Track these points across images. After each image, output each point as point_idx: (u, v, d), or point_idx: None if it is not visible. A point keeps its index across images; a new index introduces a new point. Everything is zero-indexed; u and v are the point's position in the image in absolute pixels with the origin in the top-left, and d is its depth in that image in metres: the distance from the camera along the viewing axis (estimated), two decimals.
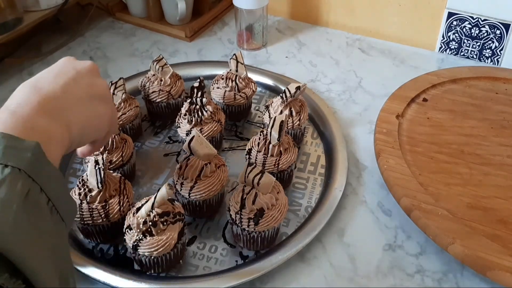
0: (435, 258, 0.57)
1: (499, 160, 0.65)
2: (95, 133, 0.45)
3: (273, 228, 0.55)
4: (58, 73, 0.42)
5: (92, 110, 0.43)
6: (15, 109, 0.37)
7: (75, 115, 0.41)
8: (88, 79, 0.44)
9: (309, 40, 0.97)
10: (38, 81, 0.40)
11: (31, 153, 0.33)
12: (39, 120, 0.37)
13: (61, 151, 0.39)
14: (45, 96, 0.39)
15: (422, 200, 0.58)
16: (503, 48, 0.86)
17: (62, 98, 0.40)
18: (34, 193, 0.33)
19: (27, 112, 0.37)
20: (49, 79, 0.41)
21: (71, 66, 0.44)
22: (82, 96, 0.42)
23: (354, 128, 0.75)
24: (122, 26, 1.03)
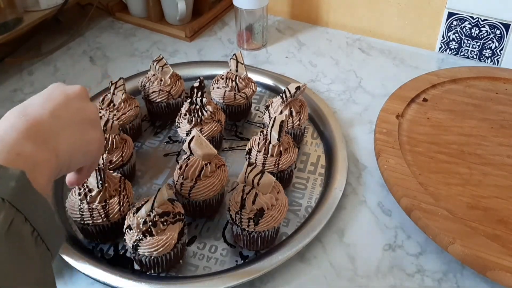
0: (435, 258, 0.57)
1: (499, 160, 0.65)
2: (84, 158, 0.44)
3: (273, 228, 0.55)
4: (48, 98, 0.41)
5: (81, 134, 0.43)
6: (1, 135, 0.36)
7: (64, 140, 0.40)
8: (78, 103, 0.44)
9: (309, 40, 0.97)
10: (26, 107, 0.40)
11: (15, 181, 0.32)
12: (26, 146, 0.36)
13: (48, 177, 0.37)
14: (32, 122, 0.38)
15: (422, 200, 0.58)
16: (503, 48, 0.86)
17: (50, 123, 0.39)
18: (17, 224, 0.31)
19: (13, 138, 0.36)
20: (37, 105, 0.40)
21: (60, 90, 0.43)
22: (71, 121, 0.42)
23: (354, 128, 0.75)
24: (122, 26, 1.03)
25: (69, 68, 0.90)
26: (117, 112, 0.69)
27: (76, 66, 0.90)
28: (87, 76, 0.88)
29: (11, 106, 0.41)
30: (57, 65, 0.90)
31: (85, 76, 0.88)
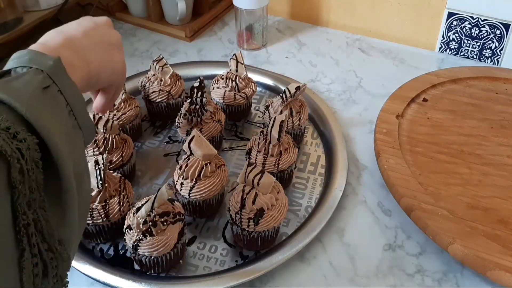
0: (435, 258, 0.57)
1: (499, 160, 0.65)
2: (110, 76, 0.49)
3: (273, 228, 0.55)
4: (79, 23, 0.48)
5: (108, 54, 0.48)
6: (43, 42, 0.43)
7: (94, 55, 0.45)
8: (105, 29, 0.50)
9: (309, 40, 0.97)
10: (61, 28, 0.46)
11: (53, 61, 0.37)
12: (63, 52, 0.42)
13: (81, 80, 0.43)
14: (68, 37, 0.44)
15: (422, 200, 0.58)
16: (503, 48, 0.86)
17: (83, 40, 0.45)
18: (53, 91, 0.36)
19: (52, 45, 0.42)
20: (71, 27, 0.46)
21: (90, 20, 0.49)
22: (99, 41, 0.47)
23: (354, 128, 0.75)
24: (122, 26, 1.03)
25: None
26: (117, 112, 0.69)
27: None
28: None
29: None
30: None
31: None
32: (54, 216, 0.32)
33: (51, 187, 0.32)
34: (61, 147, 0.33)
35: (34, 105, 0.33)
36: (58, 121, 0.35)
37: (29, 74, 0.35)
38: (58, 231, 0.32)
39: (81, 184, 0.36)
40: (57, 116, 0.35)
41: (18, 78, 0.35)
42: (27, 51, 0.38)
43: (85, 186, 0.38)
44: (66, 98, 0.37)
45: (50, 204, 0.32)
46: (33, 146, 0.31)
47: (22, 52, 0.38)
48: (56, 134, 0.33)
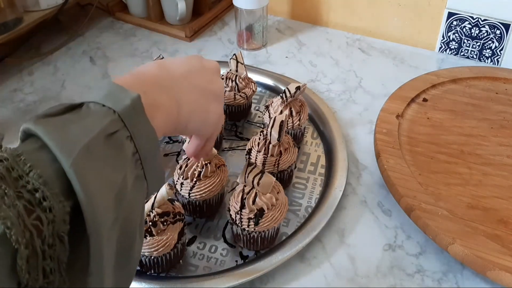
0: (435, 258, 0.57)
1: (499, 160, 0.65)
2: (202, 125, 0.45)
3: (273, 228, 0.55)
4: (185, 62, 0.44)
5: (204, 103, 0.44)
6: (136, 73, 0.39)
7: (188, 100, 0.41)
8: (211, 76, 0.46)
9: (309, 40, 0.97)
10: (165, 61, 0.43)
11: (130, 101, 0.32)
12: (152, 89, 0.37)
13: (166, 122, 0.38)
14: (167, 75, 0.40)
15: (422, 200, 0.58)
16: (503, 48, 0.86)
17: (181, 80, 0.42)
18: (121, 136, 0.31)
19: (144, 78, 0.38)
20: (175, 64, 0.43)
21: (199, 60, 0.46)
22: (198, 87, 0.43)
23: (354, 128, 0.75)
24: (122, 26, 1.03)
25: (69, 68, 0.90)
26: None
27: (76, 66, 0.90)
28: (87, 76, 0.88)
29: (11, 106, 0.41)
30: (57, 65, 0.91)
31: (85, 76, 0.88)
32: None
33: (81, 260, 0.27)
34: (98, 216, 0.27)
35: (84, 160, 0.28)
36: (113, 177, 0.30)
37: (97, 115, 0.31)
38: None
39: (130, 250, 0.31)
40: (114, 170, 0.30)
41: (81, 120, 0.30)
42: (108, 83, 0.34)
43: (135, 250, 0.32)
44: (136, 144, 0.32)
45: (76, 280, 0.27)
46: (61, 216, 0.26)
47: (104, 84, 0.34)
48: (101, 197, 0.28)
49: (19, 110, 0.79)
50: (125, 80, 0.36)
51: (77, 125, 0.30)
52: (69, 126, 0.29)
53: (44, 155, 0.27)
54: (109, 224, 0.28)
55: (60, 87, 0.85)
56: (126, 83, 0.34)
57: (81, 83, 0.86)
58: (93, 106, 0.32)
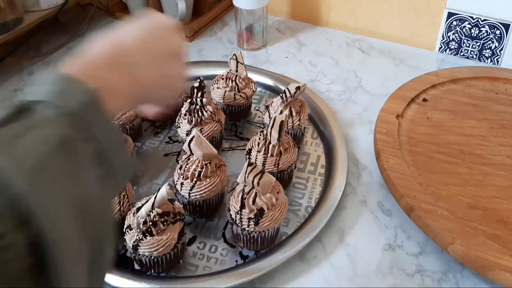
0: (435, 258, 0.57)
1: (499, 160, 0.65)
2: (164, 91, 0.44)
3: (273, 228, 0.55)
4: (139, 29, 0.41)
5: (163, 68, 0.42)
6: (89, 58, 0.36)
7: (148, 71, 0.40)
8: (165, 36, 0.43)
9: (309, 40, 0.97)
10: (117, 34, 0.40)
11: (89, 97, 0.31)
12: (109, 74, 0.36)
13: (125, 102, 0.38)
14: (121, 50, 0.38)
15: (422, 200, 0.58)
16: (503, 48, 0.86)
17: (138, 54, 0.39)
18: (77, 140, 0.29)
19: (98, 61, 0.36)
20: (128, 34, 0.40)
21: (151, 22, 0.43)
22: (155, 53, 0.41)
23: (354, 128, 0.75)
24: None
25: None
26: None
27: None
28: None
29: None
30: (57, 65, 0.90)
31: None
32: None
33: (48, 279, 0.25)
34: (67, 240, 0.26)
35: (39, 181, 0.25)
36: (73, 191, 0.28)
37: (48, 122, 0.28)
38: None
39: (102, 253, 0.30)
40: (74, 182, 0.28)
41: (31, 130, 0.27)
42: (62, 78, 0.31)
43: (107, 250, 0.30)
44: (96, 143, 0.30)
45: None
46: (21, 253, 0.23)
47: (55, 77, 0.31)
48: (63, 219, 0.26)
49: None
50: (76, 67, 0.34)
51: (28, 139, 0.27)
52: (19, 141, 0.26)
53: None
54: (76, 243, 0.27)
55: None
56: (77, 71, 0.33)
57: None
58: (43, 109, 0.29)
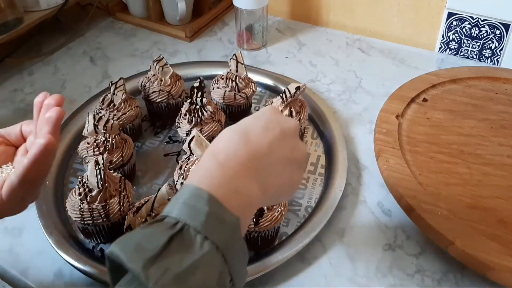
0: (435, 258, 0.57)
1: (499, 160, 0.65)
2: (283, 198, 0.43)
3: (273, 228, 0.55)
4: (266, 127, 0.39)
5: (289, 174, 0.40)
6: (223, 161, 0.35)
7: (274, 177, 0.38)
8: (292, 142, 0.41)
9: (309, 40, 0.97)
10: (247, 130, 0.38)
11: (230, 230, 0.32)
12: (243, 181, 0.35)
13: (252, 213, 0.37)
14: (252, 152, 0.37)
15: (422, 200, 0.58)
16: (503, 48, 0.86)
17: (266, 157, 0.38)
18: (223, 276, 0.31)
19: (233, 168, 0.35)
20: (257, 131, 0.38)
21: (276, 121, 0.40)
22: (283, 158, 0.39)
23: (354, 128, 0.75)
24: (122, 26, 1.03)
25: (70, 68, 0.90)
26: (117, 112, 0.69)
27: (76, 66, 0.90)
28: (87, 76, 0.88)
29: (11, 106, 0.41)
30: (57, 65, 0.91)
31: (85, 76, 0.88)
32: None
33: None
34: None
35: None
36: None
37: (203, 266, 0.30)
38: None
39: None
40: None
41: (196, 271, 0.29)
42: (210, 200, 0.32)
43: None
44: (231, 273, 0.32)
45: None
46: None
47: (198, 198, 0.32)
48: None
49: (19, 110, 0.79)
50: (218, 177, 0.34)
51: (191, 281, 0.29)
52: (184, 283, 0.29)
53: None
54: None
55: (60, 87, 0.85)
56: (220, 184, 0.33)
57: (81, 83, 0.86)
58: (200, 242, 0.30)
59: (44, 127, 0.42)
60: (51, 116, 0.43)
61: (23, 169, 0.41)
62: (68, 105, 0.80)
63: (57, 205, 0.62)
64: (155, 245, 0.30)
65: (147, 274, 0.28)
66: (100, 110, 0.69)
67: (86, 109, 0.76)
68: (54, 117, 0.43)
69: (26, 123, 0.49)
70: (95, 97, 0.78)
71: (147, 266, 0.29)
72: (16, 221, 0.61)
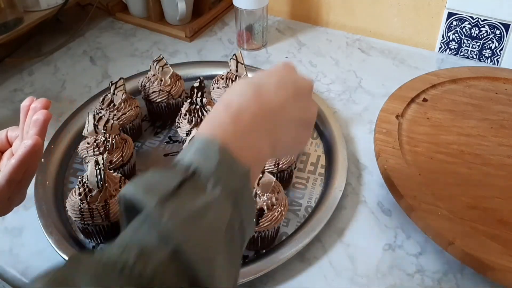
0: (435, 258, 0.57)
1: (499, 160, 0.65)
2: (290, 153, 0.44)
3: (273, 228, 0.55)
4: (279, 84, 0.39)
5: (298, 133, 0.41)
6: (235, 114, 0.35)
7: (283, 135, 0.39)
8: (304, 102, 0.41)
9: (309, 40, 0.97)
10: (260, 85, 0.38)
11: (241, 179, 0.33)
12: (254, 136, 0.36)
13: (260, 166, 0.38)
14: (265, 108, 0.37)
15: (422, 200, 0.58)
16: (503, 48, 0.86)
17: (277, 115, 0.38)
18: (233, 221, 0.32)
19: (246, 122, 0.35)
20: (270, 88, 0.38)
21: (292, 79, 0.41)
22: (294, 118, 0.40)
23: (354, 128, 0.75)
24: (122, 26, 1.03)
25: (69, 68, 0.90)
26: (117, 112, 0.69)
27: (76, 66, 0.90)
28: (87, 76, 0.88)
29: (11, 106, 0.41)
30: (57, 65, 0.91)
31: (85, 76, 0.88)
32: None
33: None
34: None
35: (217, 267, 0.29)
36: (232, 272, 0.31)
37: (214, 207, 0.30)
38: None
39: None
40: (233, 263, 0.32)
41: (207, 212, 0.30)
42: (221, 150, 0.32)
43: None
44: (241, 218, 0.33)
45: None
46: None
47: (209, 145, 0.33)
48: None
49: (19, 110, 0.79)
50: (231, 130, 0.34)
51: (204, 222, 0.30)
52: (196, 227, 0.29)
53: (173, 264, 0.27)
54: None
55: (60, 87, 0.85)
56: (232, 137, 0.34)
57: (81, 83, 0.86)
58: (211, 186, 0.31)
59: (31, 129, 0.44)
60: (39, 119, 0.44)
61: (10, 169, 0.42)
62: (68, 105, 0.80)
63: (57, 205, 0.62)
64: (168, 186, 0.30)
65: (161, 210, 0.29)
66: (100, 110, 0.69)
67: (86, 109, 0.76)
68: (41, 119, 0.44)
69: (11, 129, 0.51)
70: (95, 97, 0.78)
71: (161, 203, 0.29)
72: (16, 221, 0.61)
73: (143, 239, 0.28)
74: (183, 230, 0.29)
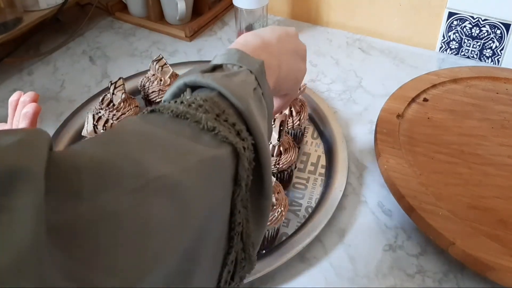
0: (436, 259, 0.56)
1: (499, 160, 0.65)
2: (293, 84, 0.50)
3: (273, 229, 0.55)
4: (273, 29, 0.48)
5: (295, 63, 0.49)
6: (244, 43, 0.43)
7: (285, 60, 0.46)
8: (295, 39, 0.50)
9: (309, 40, 0.96)
10: (257, 31, 0.47)
11: (258, 65, 0.39)
12: (262, 54, 0.42)
13: (272, 83, 0.44)
14: (264, 40, 0.45)
15: (423, 200, 0.58)
16: (504, 48, 0.85)
17: (277, 45, 0.46)
18: (259, 93, 0.38)
19: (252, 46, 0.43)
20: (266, 31, 0.47)
21: (281, 28, 0.50)
22: (290, 49, 0.48)
23: (354, 128, 0.75)
24: (121, 26, 1.03)
25: (69, 68, 0.89)
26: (116, 112, 0.69)
27: (76, 66, 0.90)
28: (86, 75, 0.88)
29: None
30: (56, 64, 0.90)
31: (84, 76, 0.87)
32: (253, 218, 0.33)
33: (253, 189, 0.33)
34: (267, 151, 0.34)
35: (251, 106, 0.34)
36: (263, 124, 0.36)
37: (243, 73, 0.37)
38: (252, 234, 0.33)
39: None
40: (262, 118, 0.36)
41: (235, 75, 0.36)
42: (236, 50, 0.39)
43: None
44: (265, 99, 0.39)
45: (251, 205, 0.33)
46: (250, 146, 0.32)
47: (230, 50, 0.40)
48: (264, 137, 0.34)
49: None
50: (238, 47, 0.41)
51: (236, 78, 0.36)
52: (231, 79, 0.35)
53: (222, 101, 0.33)
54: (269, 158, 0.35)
55: (59, 87, 0.85)
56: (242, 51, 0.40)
57: (80, 83, 0.86)
58: (231, 67, 0.38)
59: (21, 123, 0.45)
60: (28, 111, 0.45)
61: None
62: (67, 104, 0.80)
63: None
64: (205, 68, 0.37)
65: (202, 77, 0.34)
66: (100, 110, 0.69)
67: (86, 109, 0.75)
68: (31, 112, 0.45)
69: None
70: (95, 97, 0.78)
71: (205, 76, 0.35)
72: None
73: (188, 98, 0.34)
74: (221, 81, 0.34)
